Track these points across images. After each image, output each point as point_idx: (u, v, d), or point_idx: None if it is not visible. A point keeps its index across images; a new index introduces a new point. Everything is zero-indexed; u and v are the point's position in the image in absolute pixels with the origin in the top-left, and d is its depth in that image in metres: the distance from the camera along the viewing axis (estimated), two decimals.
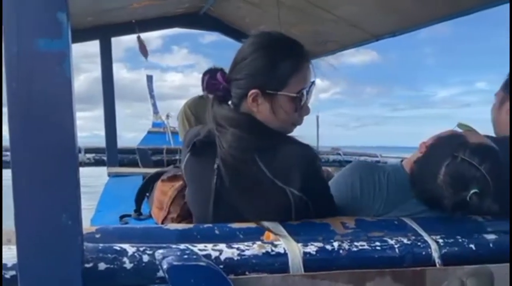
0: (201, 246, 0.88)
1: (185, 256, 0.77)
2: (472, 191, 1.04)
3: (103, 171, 3.49)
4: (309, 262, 0.92)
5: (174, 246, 0.86)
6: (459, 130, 1.24)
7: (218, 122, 1.04)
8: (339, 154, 3.90)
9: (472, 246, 1.08)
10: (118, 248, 0.81)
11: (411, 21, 2.38)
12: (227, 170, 1.02)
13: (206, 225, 0.99)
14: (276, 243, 0.93)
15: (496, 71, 1.46)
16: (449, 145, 1.12)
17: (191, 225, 0.99)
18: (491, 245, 1.11)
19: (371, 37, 2.74)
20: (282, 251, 0.91)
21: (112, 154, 3.44)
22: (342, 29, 2.70)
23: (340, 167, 3.61)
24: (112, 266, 0.79)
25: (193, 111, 3.21)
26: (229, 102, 1.10)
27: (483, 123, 1.45)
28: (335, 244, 0.98)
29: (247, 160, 1.00)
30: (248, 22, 3.11)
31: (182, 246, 0.86)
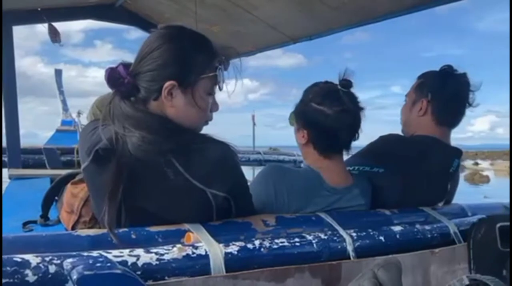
0: (116, 252, 0.83)
1: (98, 264, 0.71)
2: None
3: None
4: (231, 262, 0.91)
5: (85, 253, 0.79)
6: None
7: (123, 124, 0.93)
8: (259, 153, 3.96)
9: (382, 238, 1.16)
10: (19, 260, 0.72)
11: (327, 25, 2.49)
12: (135, 176, 0.93)
13: (121, 230, 0.93)
14: (197, 245, 0.91)
15: (408, 76, 1.62)
16: None
17: (105, 230, 0.91)
18: (397, 236, 1.20)
19: (289, 39, 2.83)
20: (203, 253, 0.89)
21: (13, 154, 3.10)
22: (261, 30, 2.74)
23: (260, 166, 3.67)
24: (11, 280, 0.70)
25: (102, 110, 3.02)
26: (133, 99, 0.99)
27: (398, 125, 1.57)
28: (256, 243, 0.98)
29: (160, 164, 0.92)
30: (167, 17, 3.02)
31: (94, 254, 0.79)
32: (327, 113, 1.19)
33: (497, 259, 1.12)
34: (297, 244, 1.02)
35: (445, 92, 1.43)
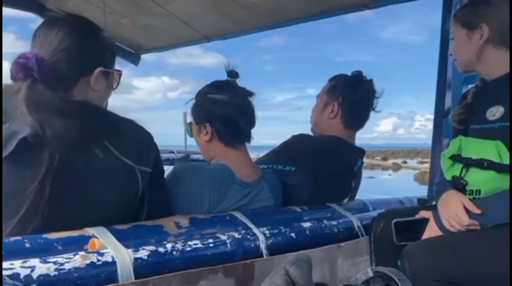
0: (6, 264, 0.73)
1: None
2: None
3: None
4: (141, 268, 0.86)
5: None
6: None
7: (43, 113, 0.89)
8: (173, 152, 3.85)
9: (293, 234, 1.19)
10: None
11: (240, 25, 2.50)
12: (62, 162, 0.88)
13: (13, 238, 0.82)
14: (102, 251, 0.84)
15: (322, 79, 1.69)
16: None
17: None
18: (307, 232, 1.24)
19: (203, 37, 2.78)
20: (110, 260, 0.83)
21: None
22: (174, 26, 2.67)
23: (172, 166, 3.56)
24: None
25: None
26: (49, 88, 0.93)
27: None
28: (168, 246, 0.94)
29: (89, 145, 0.92)
30: (71, 6, 2.79)
31: None
32: (225, 100, 1.24)
33: (394, 251, 1.22)
34: (211, 245, 1.01)
35: (355, 97, 1.54)
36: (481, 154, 1.15)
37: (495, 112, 1.21)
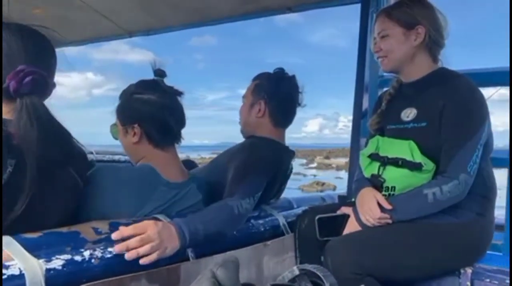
0: None
1: None
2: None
3: None
4: (54, 280, 0.79)
5: None
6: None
7: None
8: (91, 153, 3.63)
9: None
10: None
11: (165, 22, 2.43)
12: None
13: None
14: (8, 263, 0.76)
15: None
16: None
17: None
18: (234, 232, 1.23)
19: (124, 32, 2.66)
20: (17, 273, 0.75)
21: None
22: (92, 19, 2.51)
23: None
24: None
25: None
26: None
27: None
28: (86, 253, 0.87)
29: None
30: None
31: None
32: (153, 100, 1.20)
33: (318, 247, 1.26)
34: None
35: (280, 94, 1.53)
36: (396, 152, 1.24)
37: (409, 113, 1.31)
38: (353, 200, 1.35)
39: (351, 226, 1.27)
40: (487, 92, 1.43)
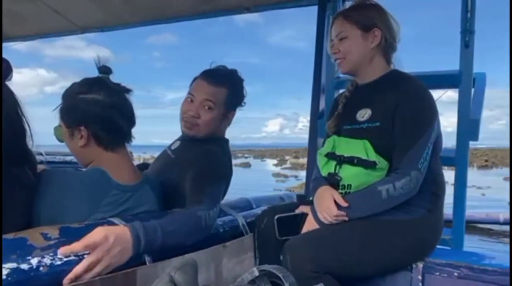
0: None
1: None
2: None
3: None
4: None
5: None
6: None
7: None
8: (41, 154, 3.46)
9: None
10: None
11: (119, 18, 2.37)
12: None
13: None
14: None
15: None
16: None
17: None
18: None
19: (77, 28, 2.56)
20: None
21: None
22: (44, 14, 2.40)
23: None
24: None
25: None
26: None
27: None
28: (34, 261, 0.83)
29: None
30: None
31: None
32: (100, 100, 1.12)
33: (277, 246, 1.27)
34: (86, 256, 0.91)
35: (238, 99, 1.51)
36: (352, 151, 1.27)
37: (364, 114, 1.35)
38: (311, 198, 1.37)
39: (309, 225, 1.29)
40: (436, 94, 1.50)
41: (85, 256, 0.90)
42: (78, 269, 0.87)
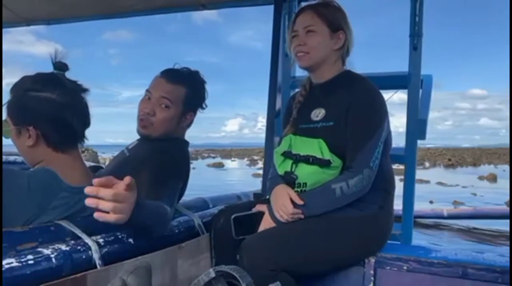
0: None
1: None
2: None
3: None
4: None
5: None
6: None
7: None
8: None
9: (131, 240, 1.11)
10: None
11: (68, 11, 2.26)
12: None
13: None
14: None
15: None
16: None
17: None
18: (147, 236, 1.18)
19: (22, 20, 2.42)
20: None
21: None
22: None
23: None
24: None
25: None
26: None
27: None
28: None
29: None
30: None
31: None
32: (53, 98, 1.05)
33: (234, 246, 1.26)
34: (31, 262, 0.86)
35: (199, 100, 1.50)
36: (307, 150, 1.29)
37: (318, 113, 1.37)
38: (268, 197, 1.38)
39: (266, 223, 1.30)
40: (387, 94, 1.56)
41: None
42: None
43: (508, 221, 5.98)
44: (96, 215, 0.89)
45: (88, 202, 0.87)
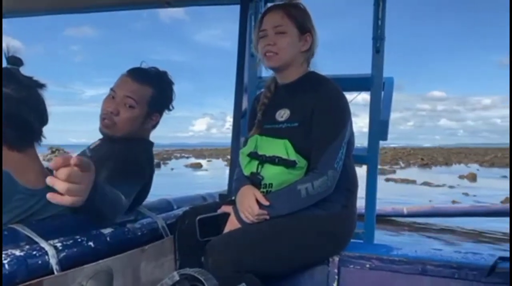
0: None
1: None
2: None
3: None
4: None
5: None
6: None
7: None
8: None
9: (91, 243, 1.07)
10: None
11: (22, 5, 2.15)
12: None
13: None
14: None
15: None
16: None
17: None
18: (108, 239, 1.14)
19: None
20: None
21: None
22: None
23: None
24: None
25: None
26: None
27: None
28: None
29: None
30: None
31: None
32: (6, 93, 0.99)
33: (198, 248, 1.24)
34: None
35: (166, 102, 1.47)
36: (273, 151, 1.29)
37: (283, 114, 1.37)
38: (233, 198, 1.37)
39: (231, 224, 1.28)
40: (350, 96, 1.59)
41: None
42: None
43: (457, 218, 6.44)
44: (49, 196, 0.82)
45: (48, 181, 0.81)
